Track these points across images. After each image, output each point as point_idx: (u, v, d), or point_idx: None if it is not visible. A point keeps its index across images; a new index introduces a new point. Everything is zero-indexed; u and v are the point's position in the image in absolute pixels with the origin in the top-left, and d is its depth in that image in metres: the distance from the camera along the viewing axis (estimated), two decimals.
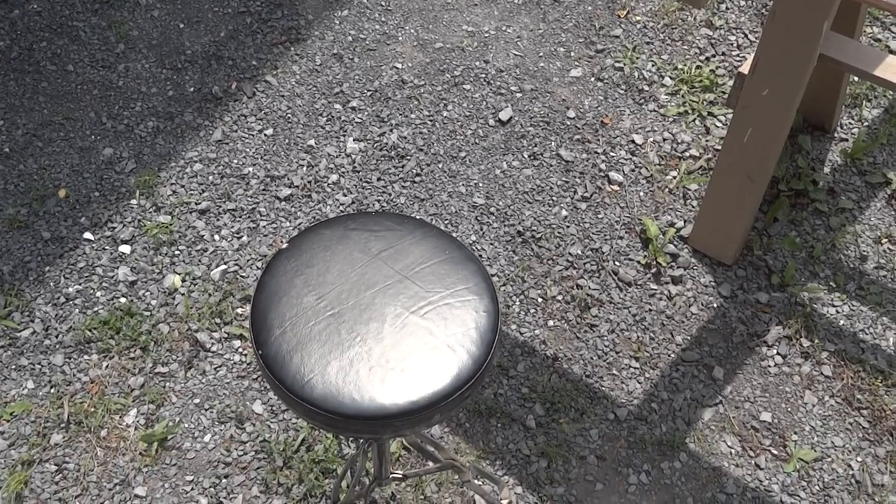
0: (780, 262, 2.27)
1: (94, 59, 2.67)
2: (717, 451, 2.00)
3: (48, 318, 2.17)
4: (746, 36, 2.75)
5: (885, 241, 2.32)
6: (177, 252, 2.29)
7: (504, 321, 2.18)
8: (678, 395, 2.08)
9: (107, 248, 2.29)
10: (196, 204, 2.37)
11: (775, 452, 2.00)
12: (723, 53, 2.70)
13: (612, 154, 2.48)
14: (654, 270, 2.27)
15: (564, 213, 2.37)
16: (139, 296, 2.21)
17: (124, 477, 1.94)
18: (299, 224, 2.35)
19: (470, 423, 2.03)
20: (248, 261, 2.27)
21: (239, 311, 2.19)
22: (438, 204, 2.38)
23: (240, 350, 2.13)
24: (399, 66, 2.67)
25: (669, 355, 2.14)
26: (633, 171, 2.45)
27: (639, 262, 2.28)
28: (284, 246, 1.42)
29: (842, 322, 2.18)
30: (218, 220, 2.35)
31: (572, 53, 2.71)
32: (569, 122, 2.55)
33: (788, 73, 1.88)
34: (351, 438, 1.99)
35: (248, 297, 2.21)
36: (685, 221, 2.34)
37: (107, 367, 2.10)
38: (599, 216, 2.36)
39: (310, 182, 2.42)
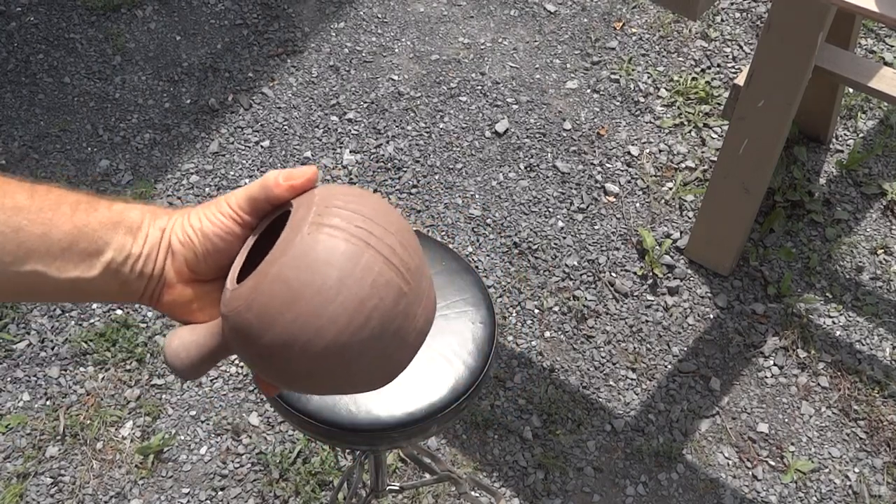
0: (776, 273, 2.27)
1: (90, 72, 2.67)
2: (714, 462, 2.00)
3: (44, 330, 2.17)
4: (742, 48, 2.76)
5: (880, 251, 2.32)
6: None
7: (501, 332, 2.18)
8: (675, 406, 2.07)
9: None
10: None
11: (772, 463, 2.00)
12: (718, 65, 2.71)
13: (608, 165, 2.48)
14: (650, 281, 2.27)
15: (561, 224, 2.37)
16: (135, 308, 2.21)
17: (120, 489, 1.94)
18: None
19: (467, 434, 2.03)
20: None
21: None
22: (435, 215, 2.38)
23: (236, 362, 2.12)
24: (395, 77, 2.67)
25: (666, 366, 2.14)
26: (630, 182, 2.45)
27: (635, 273, 2.28)
28: None
29: (838, 333, 2.18)
30: None
31: (568, 65, 2.72)
32: (565, 134, 2.55)
33: (784, 84, 1.88)
34: (347, 450, 1.98)
35: None
36: (681, 232, 2.35)
37: (103, 379, 2.09)
38: (596, 227, 2.36)
39: None
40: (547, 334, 2.18)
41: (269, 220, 0.68)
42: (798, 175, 2.41)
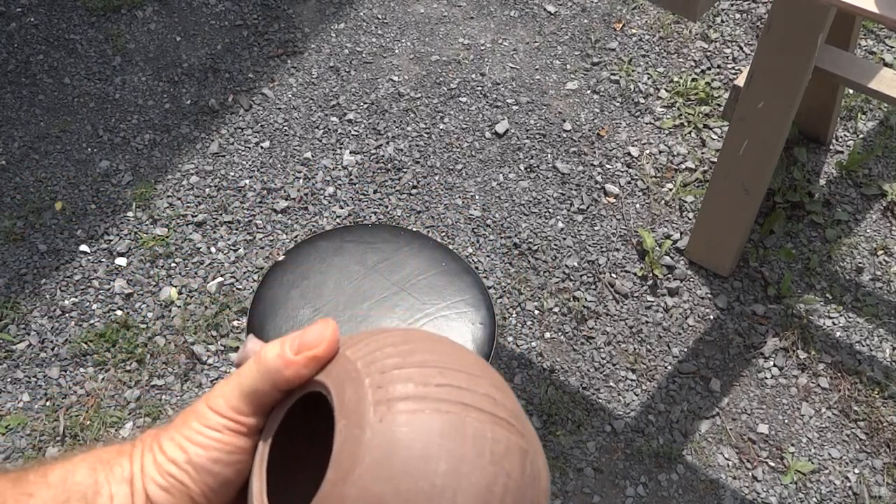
0: (776, 274, 2.27)
1: (90, 72, 2.67)
2: (714, 463, 2.00)
3: (44, 331, 2.17)
4: (742, 49, 2.76)
5: (880, 252, 2.32)
6: (173, 264, 2.29)
7: (501, 333, 2.18)
8: (675, 407, 2.07)
9: (103, 260, 2.29)
10: (192, 216, 2.37)
11: (772, 464, 2.00)
12: (718, 66, 2.71)
13: (608, 166, 2.48)
14: (650, 282, 2.27)
15: (561, 225, 2.37)
16: (135, 308, 2.21)
17: None
18: (296, 236, 2.35)
19: None
20: (244, 273, 2.27)
21: (235, 323, 2.18)
22: (435, 216, 2.38)
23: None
24: (395, 78, 2.67)
25: (666, 367, 2.14)
26: (630, 183, 2.45)
27: (635, 273, 2.28)
28: (281, 258, 1.42)
29: (838, 334, 2.18)
30: (214, 232, 2.35)
31: (568, 66, 2.72)
32: (565, 135, 2.55)
33: (784, 85, 1.88)
34: None
35: (244, 309, 2.21)
36: (681, 233, 2.35)
37: (103, 379, 2.09)
38: (596, 228, 2.36)
39: (306, 194, 2.42)
40: (547, 335, 2.18)
41: (284, 411, 0.49)
42: (798, 176, 2.41)
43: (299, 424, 0.53)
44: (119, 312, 2.20)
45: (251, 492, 0.47)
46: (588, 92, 2.66)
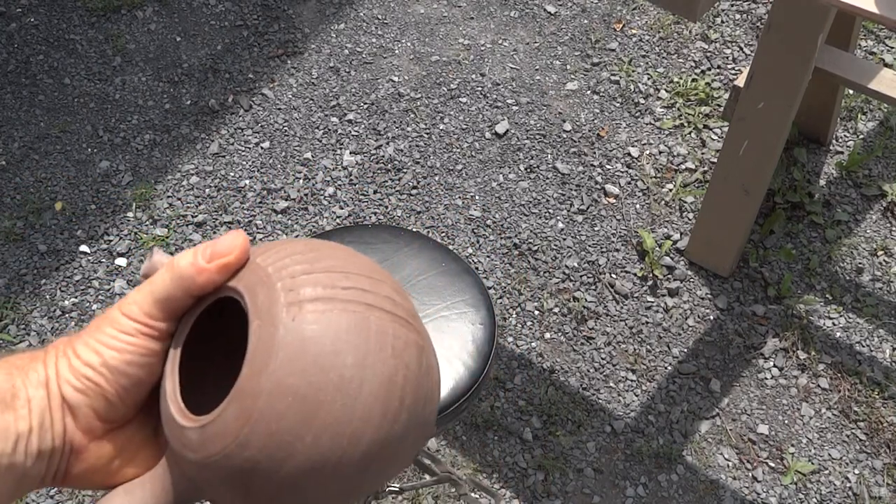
0: (776, 275, 2.27)
1: (90, 73, 2.67)
2: (714, 463, 2.00)
3: (44, 331, 2.17)
4: (742, 49, 2.75)
5: (880, 253, 2.32)
6: None
7: (501, 334, 2.18)
8: (675, 408, 2.07)
9: (103, 260, 2.29)
10: (192, 217, 2.37)
11: (772, 465, 2.00)
12: (718, 66, 2.71)
13: (608, 167, 2.48)
14: (650, 283, 2.27)
15: (561, 225, 2.37)
16: None
17: None
18: (296, 237, 2.35)
19: (467, 435, 2.02)
20: None
21: None
22: (435, 216, 2.38)
23: None
24: (396, 79, 2.67)
25: (666, 367, 2.14)
26: (630, 183, 2.45)
27: (635, 274, 2.28)
28: None
29: (838, 334, 2.18)
30: (214, 232, 2.35)
31: (568, 66, 2.72)
32: (565, 135, 2.55)
33: (784, 86, 1.88)
34: None
35: None
36: (681, 234, 2.35)
37: None
38: (596, 229, 2.36)
39: (306, 195, 2.42)
40: (547, 335, 2.18)
41: (194, 317, 0.52)
42: (798, 176, 2.41)
43: (209, 331, 0.56)
44: None
45: (164, 391, 0.51)
46: (588, 92, 2.66)
